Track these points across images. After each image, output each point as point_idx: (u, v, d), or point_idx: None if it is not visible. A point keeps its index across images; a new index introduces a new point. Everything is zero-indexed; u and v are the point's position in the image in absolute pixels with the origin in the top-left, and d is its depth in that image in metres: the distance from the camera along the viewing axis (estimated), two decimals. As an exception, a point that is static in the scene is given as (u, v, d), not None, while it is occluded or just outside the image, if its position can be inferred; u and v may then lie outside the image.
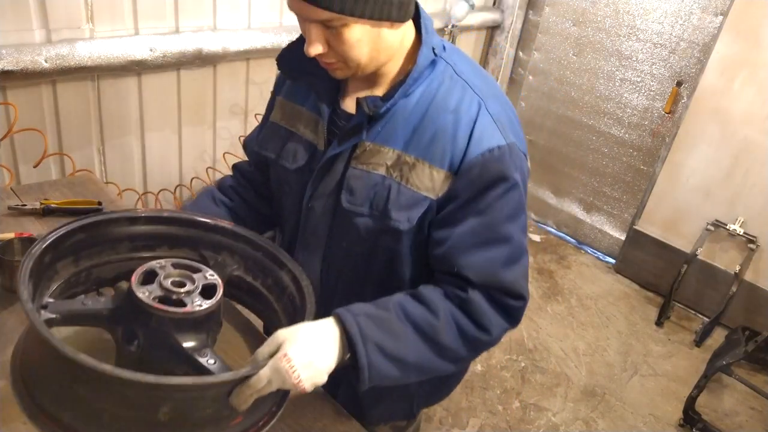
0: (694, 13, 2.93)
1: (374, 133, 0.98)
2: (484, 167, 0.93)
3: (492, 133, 0.94)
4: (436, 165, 0.94)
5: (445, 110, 0.95)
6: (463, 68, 1.00)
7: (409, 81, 0.95)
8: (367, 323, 0.90)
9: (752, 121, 2.77)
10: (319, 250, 1.08)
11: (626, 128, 3.31)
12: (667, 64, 3.08)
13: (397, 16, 0.90)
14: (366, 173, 0.98)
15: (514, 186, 0.95)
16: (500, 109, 0.98)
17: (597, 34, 3.27)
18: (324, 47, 0.90)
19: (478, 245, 0.95)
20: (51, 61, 1.70)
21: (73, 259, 1.00)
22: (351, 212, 1.00)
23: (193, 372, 0.84)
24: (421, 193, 0.96)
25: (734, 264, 2.95)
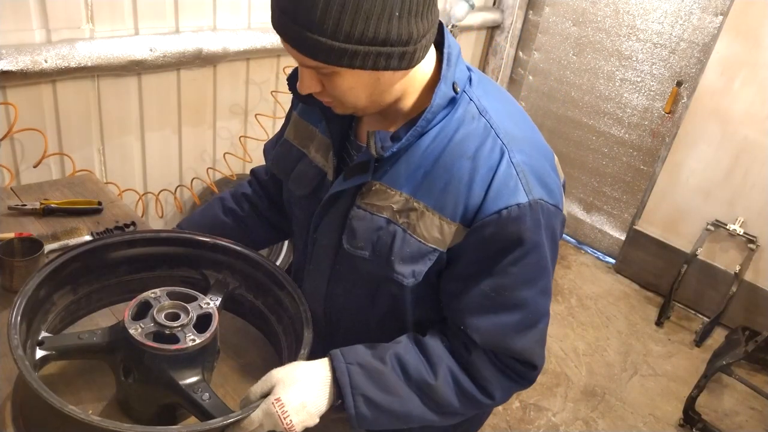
0: (694, 13, 2.93)
1: (382, 173, 0.89)
2: (499, 227, 0.83)
3: (513, 187, 0.83)
4: (447, 217, 0.85)
5: (462, 156, 0.85)
6: (490, 105, 0.89)
7: (421, 122, 0.85)
8: (359, 374, 0.87)
9: (752, 121, 2.77)
10: (323, 284, 1.02)
11: (626, 128, 3.31)
12: (667, 64, 3.08)
13: (399, 66, 0.79)
14: (370, 215, 0.90)
15: (533, 249, 0.85)
16: (528, 157, 0.87)
17: (597, 34, 3.27)
18: (318, 87, 0.83)
19: (487, 309, 0.88)
20: (51, 61, 1.70)
21: (71, 287, 1.01)
22: (352, 256, 0.93)
23: (189, 407, 0.85)
24: (429, 246, 0.87)
25: (734, 264, 2.95)
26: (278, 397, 0.82)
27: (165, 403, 0.87)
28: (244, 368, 1.06)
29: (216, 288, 1.05)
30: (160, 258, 1.09)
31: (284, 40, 0.78)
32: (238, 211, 1.20)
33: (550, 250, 0.89)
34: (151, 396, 0.87)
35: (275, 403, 0.81)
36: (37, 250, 1.17)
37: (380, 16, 0.73)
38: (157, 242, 1.08)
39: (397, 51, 0.77)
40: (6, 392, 0.92)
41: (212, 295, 1.00)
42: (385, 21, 0.73)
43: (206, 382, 0.88)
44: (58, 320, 0.99)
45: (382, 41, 0.75)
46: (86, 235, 1.34)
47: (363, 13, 0.72)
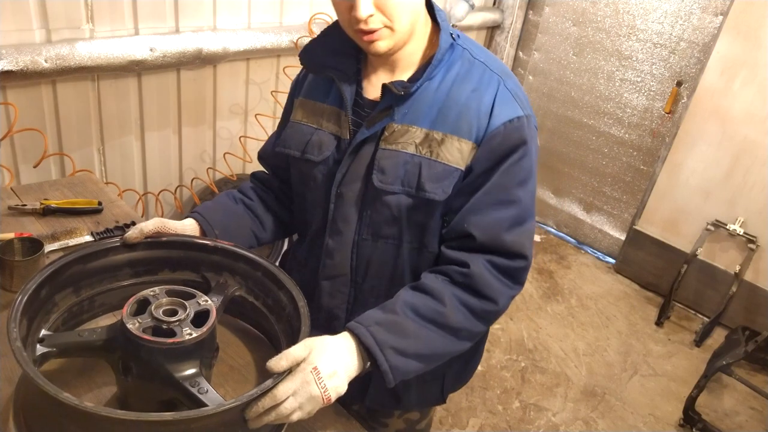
0: (694, 13, 2.93)
1: (401, 115, 1.03)
2: (505, 136, 1.00)
3: (512, 105, 1.02)
4: (464, 137, 1.01)
5: (467, 89, 1.02)
6: (478, 52, 1.08)
7: (433, 62, 1.01)
8: (380, 331, 0.93)
9: (752, 121, 2.77)
10: (350, 235, 1.10)
11: (626, 128, 3.31)
12: (667, 64, 3.08)
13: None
14: (395, 152, 1.03)
15: (529, 152, 1.02)
16: (515, 86, 1.05)
17: (597, 34, 3.27)
18: (373, 9, 0.94)
19: (487, 205, 1.01)
20: (51, 61, 1.70)
21: (73, 289, 1.01)
22: (383, 191, 1.04)
23: (186, 401, 0.85)
24: (452, 165, 1.01)
25: (734, 264, 2.95)
26: (315, 366, 0.85)
27: (164, 400, 0.87)
28: (244, 368, 1.06)
29: (217, 290, 1.06)
30: (162, 261, 1.09)
31: None
32: (246, 200, 1.26)
33: (535, 157, 1.06)
34: (149, 392, 0.87)
35: (313, 371, 0.84)
36: (37, 250, 1.17)
37: None
38: (158, 245, 1.08)
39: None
40: (6, 392, 0.92)
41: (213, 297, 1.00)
42: None
43: (204, 377, 0.88)
44: (60, 321, 0.99)
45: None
46: (86, 235, 1.34)
47: None
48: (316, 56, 1.10)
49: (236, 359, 1.07)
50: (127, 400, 0.90)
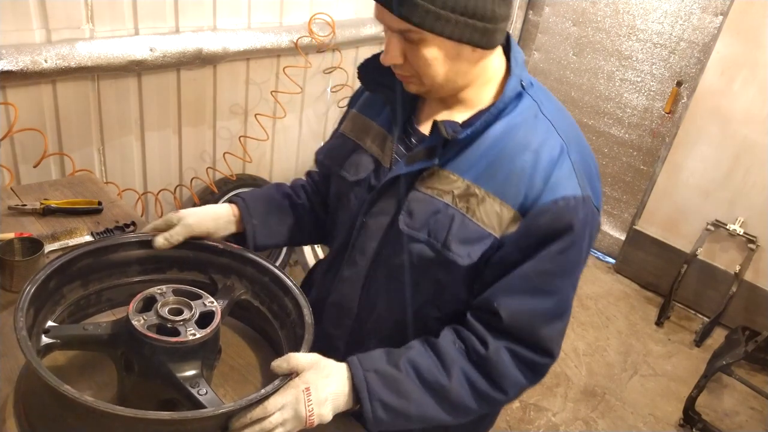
0: (694, 13, 2.93)
1: (445, 159, 0.94)
2: (554, 215, 0.88)
3: (570, 181, 0.90)
4: (507, 202, 0.90)
5: (525, 148, 0.91)
6: (550, 109, 0.96)
7: (493, 110, 0.91)
8: (375, 380, 0.89)
9: (752, 121, 2.77)
10: (364, 269, 1.04)
11: (626, 128, 3.31)
12: (667, 64, 3.08)
13: (480, 42, 0.86)
14: (429, 198, 0.94)
15: (578, 241, 0.90)
16: (581, 158, 0.93)
17: (597, 34, 3.27)
18: (400, 59, 0.89)
19: (524, 291, 0.91)
20: (51, 61, 1.70)
21: (81, 282, 1.01)
22: (408, 236, 0.96)
23: (185, 401, 0.85)
24: (486, 230, 0.91)
25: (734, 264, 2.95)
26: (308, 387, 0.83)
27: (165, 399, 0.87)
28: (244, 369, 1.06)
29: (223, 292, 1.06)
30: (171, 260, 1.09)
31: (382, 2, 0.83)
32: (294, 196, 1.22)
33: (587, 246, 0.94)
34: (150, 391, 0.87)
35: (305, 392, 0.83)
36: (37, 250, 1.17)
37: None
38: None
39: (481, 26, 0.84)
40: (6, 392, 0.92)
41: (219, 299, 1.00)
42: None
43: (204, 378, 0.88)
44: (67, 314, 0.99)
45: (471, 13, 0.82)
46: (86, 235, 1.34)
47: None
48: (374, 73, 1.02)
49: (237, 359, 1.07)
50: (128, 397, 0.90)
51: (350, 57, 2.79)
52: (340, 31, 2.52)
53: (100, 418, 0.75)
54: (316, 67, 2.62)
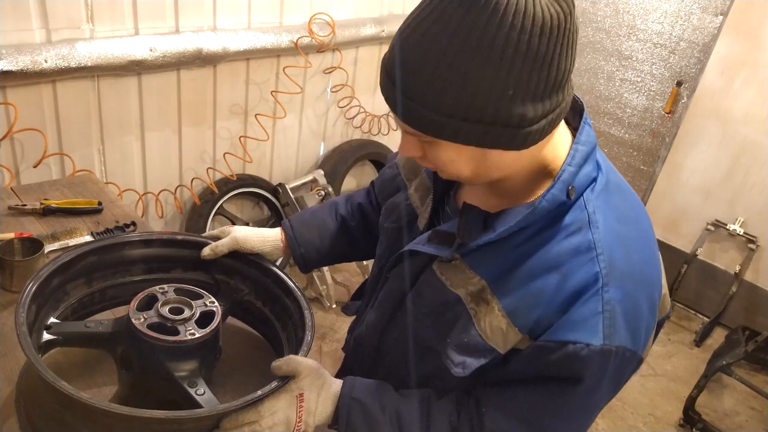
0: (694, 13, 2.93)
1: (467, 249, 0.81)
2: (561, 358, 0.74)
3: (592, 326, 0.73)
4: (515, 325, 0.77)
5: (553, 268, 0.75)
6: (604, 222, 0.77)
7: (521, 221, 0.75)
8: (357, 413, 0.84)
9: (752, 121, 2.77)
10: (382, 322, 0.98)
11: (626, 128, 3.31)
12: (667, 64, 3.08)
13: (508, 146, 0.71)
14: (442, 287, 0.83)
15: (587, 393, 0.77)
16: (625, 295, 0.75)
17: (597, 34, 3.27)
18: (418, 153, 0.78)
19: (513, 415, 0.81)
20: (51, 61, 1.70)
21: (85, 280, 1.01)
22: (414, 316, 0.89)
23: (183, 400, 0.85)
24: (489, 343, 0.79)
25: (734, 264, 2.95)
26: (302, 393, 0.82)
27: (164, 399, 0.87)
28: (245, 369, 1.06)
29: (225, 293, 1.06)
30: (175, 260, 1.09)
31: (388, 104, 0.74)
32: (348, 220, 1.17)
33: (606, 394, 0.82)
34: (149, 390, 0.87)
35: (298, 398, 0.81)
36: (37, 250, 1.17)
37: (489, 93, 0.66)
38: (173, 244, 1.09)
39: (507, 132, 0.69)
40: (6, 392, 0.92)
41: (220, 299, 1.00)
42: (494, 99, 0.66)
43: (203, 378, 0.88)
44: (70, 311, 0.99)
45: (490, 121, 0.68)
46: (86, 235, 1.34)
47: (470, 88, 0.65)
48: None
49: (238, 360, 1.07)
50: (127, 396, 0.90)
51: (350, 57, 2.79)
52: (340, 31, 2.52)
53: (97, 416, 0.75)
54: (316, 67, 2.62)
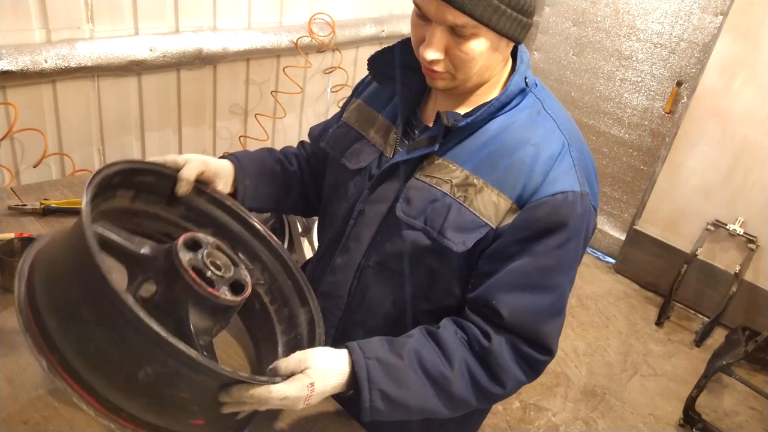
0: (694, 13, 2.93)
1: (446, 149, 0.95)
2: (552, 209, 0.88)
3: (569, 176, 0.91)
4: (505, 193, 0.91)
5: (526, 141, 0.92)
6: (553, 107, 0.98)
7: (495, 103, 0.92)
8: (377, 369, 0.87)
9: (752, 121, 2.77)
10: (357, 257, 1.04)
11: (626, 128, 3.31)
12: (667, 64, 3.08)
13: (519, 37, 0.89)
14: (428, 186, 0.95)
15: (575, 236, 0.91)
16: (581, 157, 0.95)
17: (597, 34, 3.27)
18: (443, 54, 0.88)
19: (524, 287, 0.91)
20: (51, 61, 1.70)
21: (133, 195, 0.98)
22: (404, 223, 0.96)
23: None
24: (482, 219, 0.91)
25: (734, 264, 2.95)
26: (313, 383, 0.82)
27: None
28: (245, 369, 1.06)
29: None
30: (212, 220, 1.06)
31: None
32: (286, 163, 1.22)
33: (584, 244, 0.94)
34: None
35: (309, 387, 0.82)
36: (37, 250, 1.16)
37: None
38: (220, 205, 1.05)
39: (524, 21, 0.87)
40: (6, 392, 0.92)
41: None
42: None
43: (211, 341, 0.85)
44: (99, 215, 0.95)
45: (519, 7, 0.85)
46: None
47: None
48: (384, 66, 1.03)
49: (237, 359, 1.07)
50: None
51: (350, 57, 2.79)
52: (340, 31, 2.52)
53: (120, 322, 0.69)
54: (316, 67, 2.62)
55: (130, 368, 0.71)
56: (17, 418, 0.89)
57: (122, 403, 0.72)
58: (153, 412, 0.73)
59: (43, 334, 0.72)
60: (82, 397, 0.70)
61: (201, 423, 0.78)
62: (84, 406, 0.70)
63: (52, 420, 0.90)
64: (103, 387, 0.71)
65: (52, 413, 0.91)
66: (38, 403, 0.92)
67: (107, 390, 0.71)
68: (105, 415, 0.71)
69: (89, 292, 0.71)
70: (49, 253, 0.80)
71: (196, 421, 0.77)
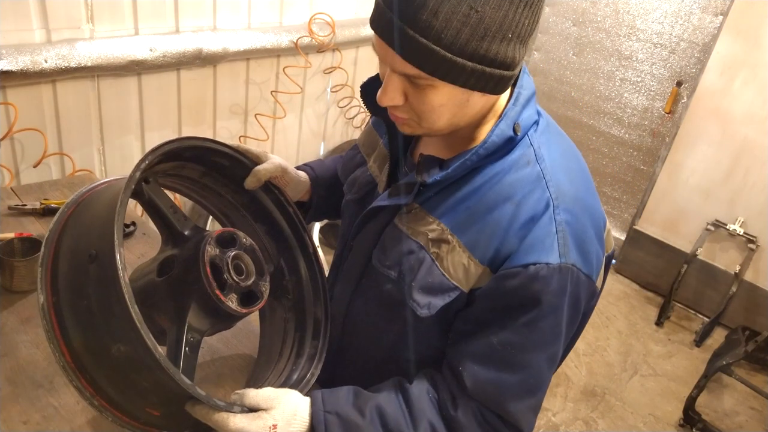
0: (694, 13, 2.93)
1: (425, 198, 0.87)
2: (523, 281, 0.79)
3: (548, 245, 0.79)
4: (476, 257, 0.82)
5: (507, 199, 0.82)
6: (549, 155, 0.85)
7: (471, 157, 0.81)
8: (335, 424, 0.82)
9: (752, 121, 2.77)
10: (348, 293, 1.01)
11: (626, 128, 3.31)
12: (667, 64, 3.08)
13: (493, 90, 0.77)
14: (404, 237, 0.88)
15: (550, 313, 0.81)
16: (573, 218, 0.82)
17: (597, 34, 3.27)
18: (400, 100, 0.79)
19: (490, 360, 0.83)
20: (51, 61, 1.70)
21: (204, 171, 0.99)
22: (378, 272, 0.92)
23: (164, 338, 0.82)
24: (451, 282, 0.84)
25: (734, 264, 2.95)
26: (276, 425, 0.78)
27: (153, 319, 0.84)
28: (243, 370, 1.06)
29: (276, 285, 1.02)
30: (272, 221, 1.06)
31: (386, 41, 0.73)
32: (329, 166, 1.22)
33: (569, 318, 0.84)
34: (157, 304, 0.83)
35: (271, 428, 0.78)
36: (37, 250, 1.16)
37: (495, 35, 0.71)
38: (282, 210, 1.06)
39: (497, 74, 0.75)
40: (6, 392, 0.92)
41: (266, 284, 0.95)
42: (497, 41, 0.71)
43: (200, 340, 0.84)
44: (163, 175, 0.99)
45: (489, 61, 0.73)
46: (86, 235, 1.34)
47: (482, 29, 0.70)
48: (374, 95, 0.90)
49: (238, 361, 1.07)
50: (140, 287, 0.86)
51: (350, 57, 2.79)
52: (340, 31, 2.52)
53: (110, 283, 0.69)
54: (316, 67, 2.62)
55: (106, 339, 0.71)
56: (17, 418, 0.89)
57: (90, 367, 0.73)
58: (114, 387, 0.74)
59: (54, 274, 0.74)
60: (59, 344, 0.72)
61: (157, 414, 0.77)
62: (57, 354, 0.72)
63: (52, 420, 0.90)
64: (80, 345, 0.72)
65: (52, 413, 0.91)
66: (38, 403, 0.92)
67: (82, 349, 0.72)
68: (72, 370, 0.72)
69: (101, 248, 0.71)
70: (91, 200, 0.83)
71: (152, 411, 0.77)
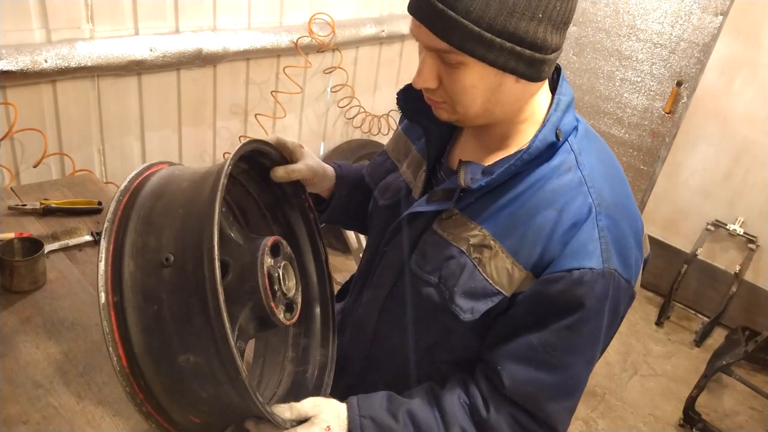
0: (694, 13, 2.93)
1: (466, 204, 0.87)
2: (566, 286, 0.80)
3: (591, 250, 0.80)
4: (519, 263, 0.83)
5: (549, 205, 0.82)
6: (588, 162, 0.86)
7: (516, 162, 0.82)
8: (370, 428, 0.85)
9: (752, 121, 2.77)
10: (381, 298, 1.00)
11: (626, 128, 3.31)
12: (667, 64, 3.08)
13: (526, 73, 0.78)
14: (444, 242, 0.88)
15: (593, 317, 0.82)
16: (614, 224, 0.83)
17: (597, 34, 3.27)
18: (434, 82, 0.81)
19: (529, 361, 0.84)
20: (51, 61, 1.70)
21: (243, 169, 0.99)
22: (418, 277, 0.92)
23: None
24: (494, 287, 0.85)
25: (734, 264, 2.95)
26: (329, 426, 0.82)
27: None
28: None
29: None
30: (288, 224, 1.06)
31: (419, 17, 0.76)
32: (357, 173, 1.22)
33: (608, 322, 0.86)
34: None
35: (327, 430, 0.82)
36: (37, 250, 1.16)
37: (523, 13, 0.73)
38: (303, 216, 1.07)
39: (528, 55, 0.76)
40: (6, 392, 0.92)
41: None
42: (526, 19, 0.73)
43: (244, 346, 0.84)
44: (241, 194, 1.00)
45: (519, 39, 0.74)
46: (86, 236, 1.34)
47: (511, 4, 0.72)
48: (412, 101, 0.94)
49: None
50: None
51: (350, 57, 2.79)
52: (340, 31, 2.52)
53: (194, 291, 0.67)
54: (316, 67, 2.62)
55: (175, 348, 0.69)
56: (17, 418, 0.89)
57: (147, 373, 0.71)
58: (167, 395, 0.72)
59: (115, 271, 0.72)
60: (117, 347, 0.69)
61: (197, 422, 0.77)
62: (114, 357, 0.69)
63: (52, 420, 0.90)
64: (141, 350, 0.70)
65: (52, 413, 0.91)
66: (38, 403, 0.92)
67: (142, 355, 0.70)
68: (125, 375, 0.70)
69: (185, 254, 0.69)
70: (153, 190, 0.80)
71: (194, 418, 0.77)
